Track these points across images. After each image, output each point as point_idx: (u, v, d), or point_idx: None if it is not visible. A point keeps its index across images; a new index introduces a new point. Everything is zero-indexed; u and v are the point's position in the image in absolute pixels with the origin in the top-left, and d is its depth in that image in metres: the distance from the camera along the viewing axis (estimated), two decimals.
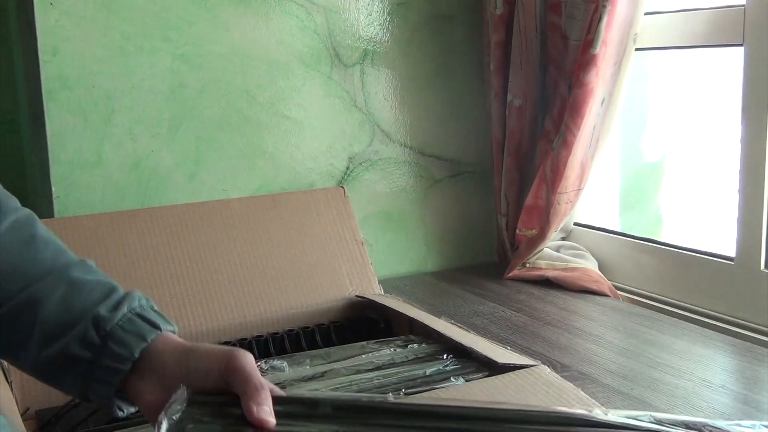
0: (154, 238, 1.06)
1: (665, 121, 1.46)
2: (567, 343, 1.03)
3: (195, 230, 1.09)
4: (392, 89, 1.41)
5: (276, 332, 1.05)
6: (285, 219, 1.15)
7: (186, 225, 1.09)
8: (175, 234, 1.08)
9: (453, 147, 1.47)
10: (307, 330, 1.06)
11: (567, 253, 1.36)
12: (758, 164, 1.09)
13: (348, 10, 1.35)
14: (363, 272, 1.15)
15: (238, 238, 1.11)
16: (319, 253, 1.14)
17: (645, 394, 0.86)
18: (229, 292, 1.06)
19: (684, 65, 1.38)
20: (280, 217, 1.15)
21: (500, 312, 1.18)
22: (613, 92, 1.24)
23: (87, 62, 1.20)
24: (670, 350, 1.00)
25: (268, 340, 1.04)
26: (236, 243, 1.10)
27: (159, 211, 1.10)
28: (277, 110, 1.33)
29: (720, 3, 1.14)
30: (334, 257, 1.15)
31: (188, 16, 1.25)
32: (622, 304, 1.23)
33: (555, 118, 1.31)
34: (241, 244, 1.11)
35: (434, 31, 1.42)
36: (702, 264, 1.19)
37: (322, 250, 1.15)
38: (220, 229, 1.11)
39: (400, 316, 1.04)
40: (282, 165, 1.34)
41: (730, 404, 0.84)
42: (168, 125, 1.26)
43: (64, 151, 1.20)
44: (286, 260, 1.12)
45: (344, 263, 1.15)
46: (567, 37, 1.27)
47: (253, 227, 1.12)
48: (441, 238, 1.48)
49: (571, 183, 1.27)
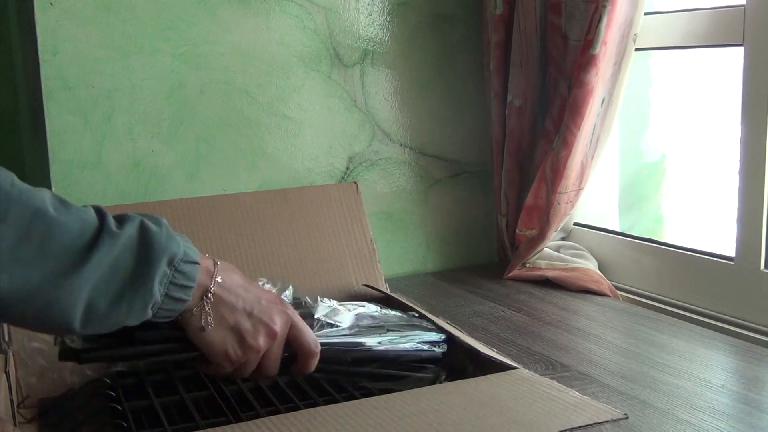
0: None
1: (665, 121, 1.46)
2: (567, 343, 1.03)
3: (202, 224, 1.11)
4: (392, 89, 1.41)
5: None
6: (295, 213, 1.16)
7: (195, 218, 1.11)
8: (184, 227, 1.09)
9: (453, 147, 1.47)
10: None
11: (567, 253, 1.36)
12: (758, 164, 1.09)
13: (348, 10, 1.35)
14: (370, 269, 1.16)
15: (246, 232, 1.12)
16: (327, 248, 1.15)
17: (645, 394, 0.86)
18: None
19: (684, 65, 1.38)
20: (291, 211, 1.16)
21: (500, 312, 1.18)
22: (613, 92, 1.24)
23: (87, 62, 1.20)
24: (670, 350, 1.00)
25: None
26: (245, 236, 1.12)
27: (169, 203, 1.12)
28: (277, 110, 1.33)
29: (720, 3, 1.14)
30: (342, 253, 1.15)
31: (188, 16, 1.25)
32: (622, 304, 1.23)
33: (555, 118, 1.31)
34: (249, 237, 1.12)
35: (434, 31, 1.42)
36: (702, 264, 1.19)
37: (330, 245, 1.15)
38: (230, 223, 1.12)
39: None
40: (282, 165, 1.34)
41: (730, 404, 0.84)
42: (168, 125, 1.26)
43: (64, 151, 1.20)
44: (294, 254, 1.13)
45: (352, 259, 1.15)
46: (567, 37, 1.27)
47: (262, 221, 1.14)
48: (441, 238, 1.48)
49: (571, 183, 1.27)
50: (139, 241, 0.68)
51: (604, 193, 1.45)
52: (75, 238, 0.65)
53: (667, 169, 1.48)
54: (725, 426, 0.78)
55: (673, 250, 1.24)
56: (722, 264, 1.16)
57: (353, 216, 1.18)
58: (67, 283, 0.64)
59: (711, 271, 1.17)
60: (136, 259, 0.68)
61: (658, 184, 1.49)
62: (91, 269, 0.65)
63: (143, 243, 0.68)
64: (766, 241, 1.10)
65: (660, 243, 1.28)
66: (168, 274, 0.69)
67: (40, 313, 0.63)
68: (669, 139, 1.46)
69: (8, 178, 0.65)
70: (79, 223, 0.65)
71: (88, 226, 0.66)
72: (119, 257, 0.67)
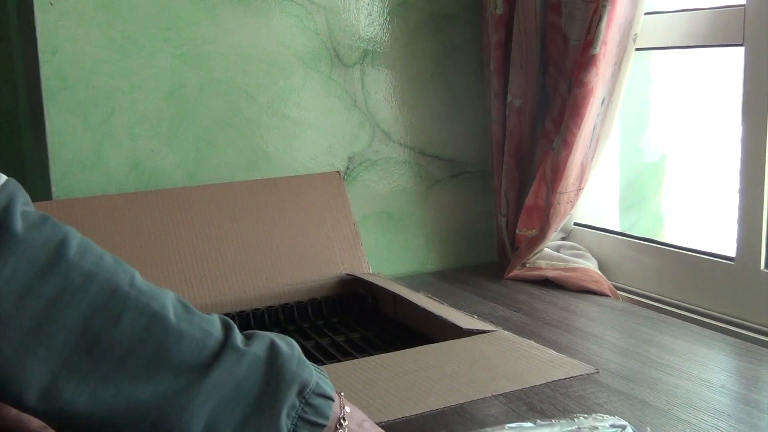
0: (164, 218, 1.16)
1: (665, 121, 1.46)
2: (567, 343, 1.03)
3: (200, 211, 1.19)
4: (392, 89, 1.41)
5: (272, 305, 1.16)
6: (284, 201, 1.24)
7: (192, 206, 1.19)
8: (182, 214, 1.18)
9: (453, 147, 1.47)
10: (301, 304, 1.17)
11: (567, 253, 1.36)
12: (758, 164, 1.09)
13: (348, 10, 1.35)
14: (354, 252, 1.25)
15: (240, 219, 1.20)
16: (314, 233, 1.23)
17: (645, 394, 0.86)
18: (230, 268, 1.16)
19: (684, 65, 1.38)
20: (280, 199, 1.24)
21: (500, 312, 1.18)
22: (613, 92, 1.24)
23: (87, 62, 1.20)
24: (670, 350, 1.00)
25: (264, 312, 1.15)
26: (238, 223, 1.20)
27: (169, 192, 1.19)
28: (277, 110, 1.33)
29: (720, 3, 1.14)
30: (328, 238, 1.24)
31: (188, 16, 1.25)
32: (622, 304, 1.23)
33: (555, 118, 1.31)
34: (242, 224, 1.20)
35: (434, 31, 1.42)
36: (702, 264, 1.19)
37: (317, 230, 1.24)
38: (224, 210, 1.20)
39: (385, 291, 1.16)
40: (282, 165, 1.34)
41: (730, 404, 0.84)
42: (168, 125, 1.26)
43: (64, 151, 1.20)
44: (283, 240, 1.21)
45: (337, 243, 1.24)
46: (567, 37, 1.27)
47: (254, 208, 1.22)
48: (441, 238, 1.48)
49: (571, 183, 1.27)
50: (268, 363, 0.59)
51: (604, 193, 1.45)
52: (195, 351, 0.57)
53: (667, 169, 1.48)
54: (725, 426, 0.78)
55: (673, 250, 1.24)
56: (722, 264, 1.16)
57: (338, 203, 1.27)
58: (182, 401, 0.55)
59: (711, 271, 1.17)
60: (263, 383, 0.59)
61: (658, 184, 1.49)
62: (211, 388, 0.56)
63: (272, 365, 0.59)
64: (766, 241, 1.10)
65: (660, 243, 1.28)
66: (297, 407, 0.60)
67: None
68: (669, 139, 1.46)
69: (127, 276, 0.57)
70: (200, 334, 0.57)
71: (211, 339, 0.58)
72: (244, 378, 0.58)
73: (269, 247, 1.19)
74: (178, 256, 1.14)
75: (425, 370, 0.90)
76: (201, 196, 1.19)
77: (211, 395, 0.56)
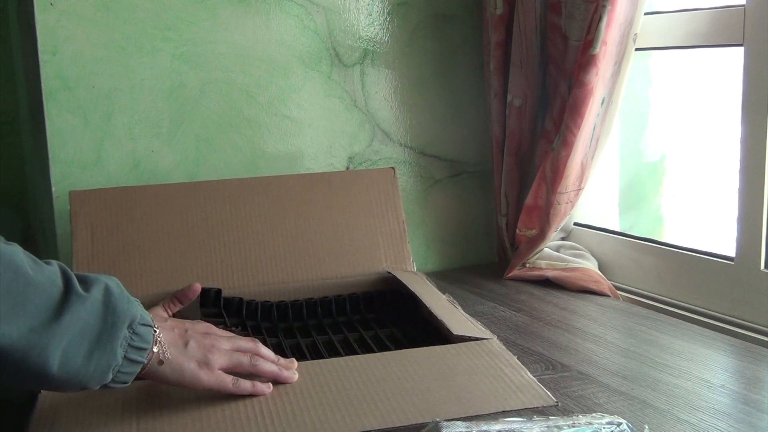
0: (215, 207, 1.18)
1: (665, 121, 1.46)
2: (567, 343, 1.03)
3: (250, 202, 1.20)
4: (392, 89, 1.41)
5: (311, 298, 1.15)
6: (334, 196, 1.24)
7: (243, 197, 1.20)
8: (240, 205, 1.19)
9: (453, 147, 1.47)
10: (340, 298, 1.16)
11: (567, 253, 1.36)
12: (758, 164, 1.09)
13: (348, 10, 1.35)
14: (399, 249, 1.24)
15: (289, 211, 1.21)
16: (360, 228, 1.23)
17: (645, 394, 0.86)
18: (272, 259, 1.17)
19: (684, 65, 1.38)
20: (330, 193, 1.24)
21: (500, 312, 1.18)
22: (613, 92, 1.24)
23: (87, 62, 1.20)
24: (670, 350, 1.00)
25: (303, 304, 1.14)
26: (286, 216, 1.21)
27: (222, 183, 1.21)
28: (277, 110, 1.33)
29: (720, 3, 1.14)
30: (375, 234, 1.23)
31: (188, 16, 1.25)
32: (622, 304, 1.23)
33: (555, 118, 1.31)
34: (289, 216, 1.21)
35: (434, 31, 1.42)
36: (702, 264, 1.19)
37: (364, 226, 1.24)
38: (274, 202, 1.21)
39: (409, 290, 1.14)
40: (282, 165, 1.34)
41: (730, 404, 0.84)
42: (168, 125, 1.26)
43: (64, 151, 1.20)
44: (328, 233, 1.22)
45: (383, 240, 1.23)
46: (567, 37, 1.27)
47: (304, 202, 1.22)
48: (441, 238, 1.48)
49: (571, 183, 1.27)
50: (104, 305, 0.72)
51: (604, 193, 1.45)
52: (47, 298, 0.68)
53: (667, 169, 1.48)
54: (725, 426, 0.79)
55: (673, 250, 1.24)
56: (722, 264, 1.16)
57: (388, 199, 1.26)
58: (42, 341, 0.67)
59: (711, 271, 1.17)
60: (102, 322, 0.71)
61: (658, 184, 1.49)
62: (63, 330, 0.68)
63: (108, 306, 0.72)
64: (766, 241, 1.10)
65: (660, 243, 1.28)
66: (128, 337, 0.73)
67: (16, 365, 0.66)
68: (669, 139, 1.46)
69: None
70: (49, 284, 0.69)
71: (56, 288, 0.69)
72: (87, 320, 0.70)
73: (313, 239, 1.20)
74: (223, 246, 1.16)
75: (385, 381, 0.86)
76: (254, 187, 1.21)
77: (64, 336, 0.68)
